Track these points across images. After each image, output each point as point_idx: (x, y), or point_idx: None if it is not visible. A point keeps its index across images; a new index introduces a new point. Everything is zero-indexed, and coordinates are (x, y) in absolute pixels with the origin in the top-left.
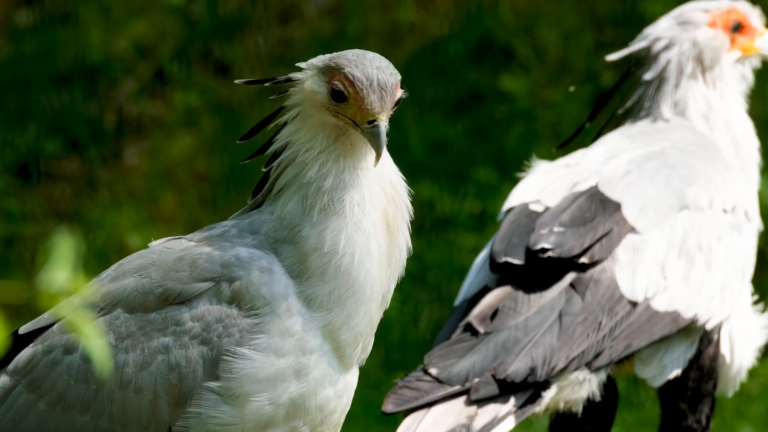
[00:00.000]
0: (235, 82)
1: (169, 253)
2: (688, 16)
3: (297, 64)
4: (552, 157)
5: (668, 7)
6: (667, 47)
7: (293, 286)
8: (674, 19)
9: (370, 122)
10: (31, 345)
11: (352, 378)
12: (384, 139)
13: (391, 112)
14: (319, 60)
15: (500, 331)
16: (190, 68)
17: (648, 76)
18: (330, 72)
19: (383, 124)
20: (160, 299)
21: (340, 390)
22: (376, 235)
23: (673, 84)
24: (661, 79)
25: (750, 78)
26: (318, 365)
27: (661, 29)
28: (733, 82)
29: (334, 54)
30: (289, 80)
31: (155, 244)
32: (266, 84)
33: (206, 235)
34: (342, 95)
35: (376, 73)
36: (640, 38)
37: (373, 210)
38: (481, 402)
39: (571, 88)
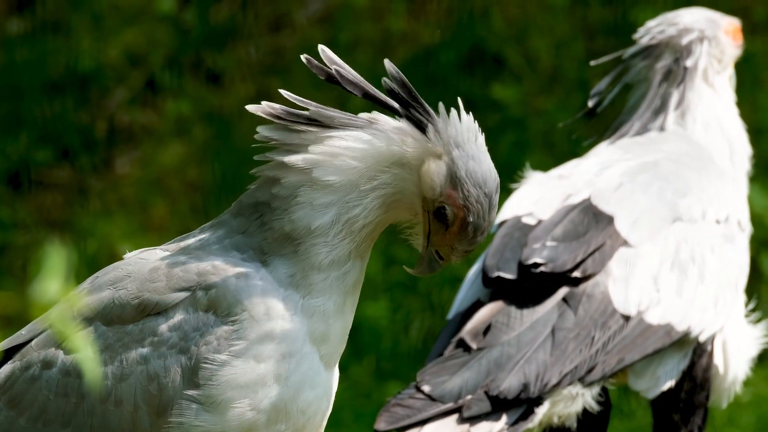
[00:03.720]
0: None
1: (144, 263)
2: (712, 15)
3: (422, 116)
4: (544, 167)
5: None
6: (700, 39)
7: (284, 293)
8: (698, 14)
9: (440, 256)
10: (9, 362)
11: (333, 380)
12: (433, 270)
13: None
14: (461, 160)
15: (493, 347)
16: (182, 77)
17: (688, 62)
18: (453, 186)
19: (445, 264)
20: (137, 310)
21: (321, 393)
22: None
23: (688, 82)
24: (673, 76)
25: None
26: (298, 369)
27: (689, 20)
28: (730, 91)
29: (475, 171)
30: (424, 119)
31: (130, 255)
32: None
33: (182, 244)
34: (444, 221)
35: (483, 238)
36: (659, 27)
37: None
38: (473, 419)
39: (589, 103)
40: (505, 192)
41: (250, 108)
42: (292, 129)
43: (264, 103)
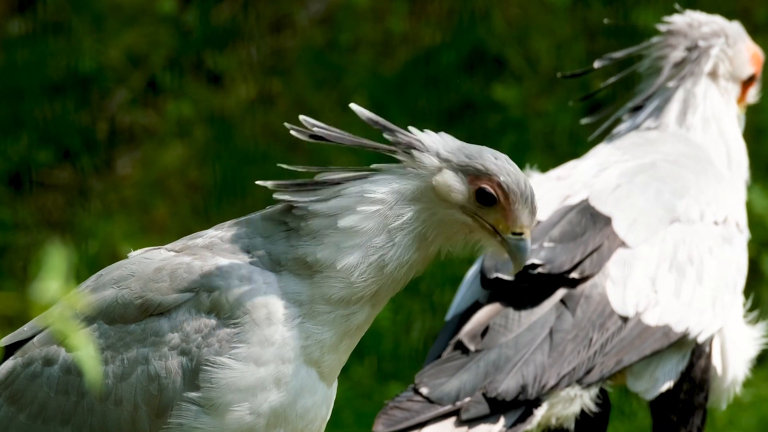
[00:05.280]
0: (352, 107)
1: (148, 263)
2: (739, 27)
3: (411, 135)
4: (545, 168)
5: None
6: (718, 35)
7: (285, 304)
8: (727, 22)
9: (516, 233)
10: (11, 357)
11: (332, 388)
12: (529, 252)
13: None
14: (452, 148)
15: (491, 348)
16: (183, 78)
17: (702, 48)
18: (475, 173)
19: (529, 238)
20: (139, 310)
21: (320, 399)
22: (378, 307)
23: (697, 75)
24: (683, 66)
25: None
26: (298, 374)
27: (715, 19)
28: (735, 105)
29: (472, 152)
30: (410, 147)
31: (134, 254)
32: (389, 141)
33: (189, 244)
34: (491, 199)
35: (529, 187)
36: (684, 19)
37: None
38: (472, 422)
39: (596, 64)
40: None
41: (268, 185)
42: (307, 190)
43: (270, 182)
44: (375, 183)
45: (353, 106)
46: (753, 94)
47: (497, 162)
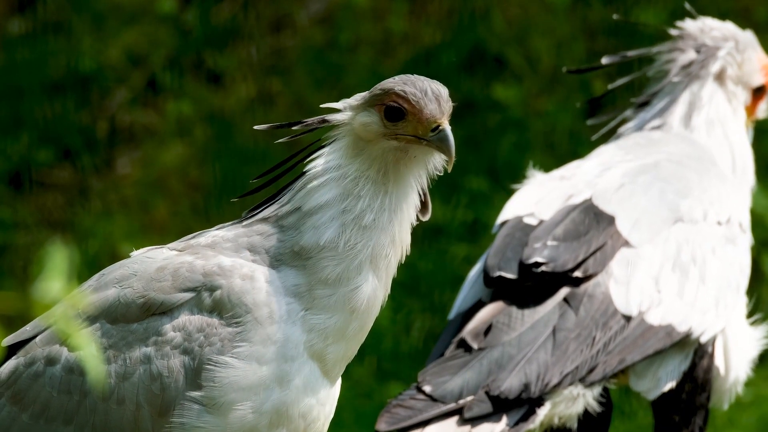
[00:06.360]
0: (255, 128)
1: (150, 262)
2: (752, 36)
3: (325, 105)
4: (545, 167)
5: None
6: (727, 39)
7: (287, 300)
8: (733, 25)
9: (434, 129)
10: (13, 357)
11: (335, 388)
12: (453, 140)
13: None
14: (360, 97)
15: (494, 347)
16: (183, 77)
17: (710, 52)
18: (378, 99)
19: (448, 127)
20: (141, 309)
21: (323, 398)
22: (384, 278)
23: (704, 77)
24: (691, 68)
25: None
26: (300, 372)
27: (726, 26)
28: (743, 112)
29: (374, 87)
30: (324, 121)
31: (137, 253)
32: (294, 128)
33: (191, 243)
34: (399, 112)
35: (426, 84)
36: (695, 25)
37: (389, 256)
38: (474, 420)
39: (604, 60)
40: (505, 191)
41: (243, 215)
42: (270, 204)
43: (243, 214)
44: (314, 162)
45: (258, 127)
46: (764, 109)
47: (392, 79)
